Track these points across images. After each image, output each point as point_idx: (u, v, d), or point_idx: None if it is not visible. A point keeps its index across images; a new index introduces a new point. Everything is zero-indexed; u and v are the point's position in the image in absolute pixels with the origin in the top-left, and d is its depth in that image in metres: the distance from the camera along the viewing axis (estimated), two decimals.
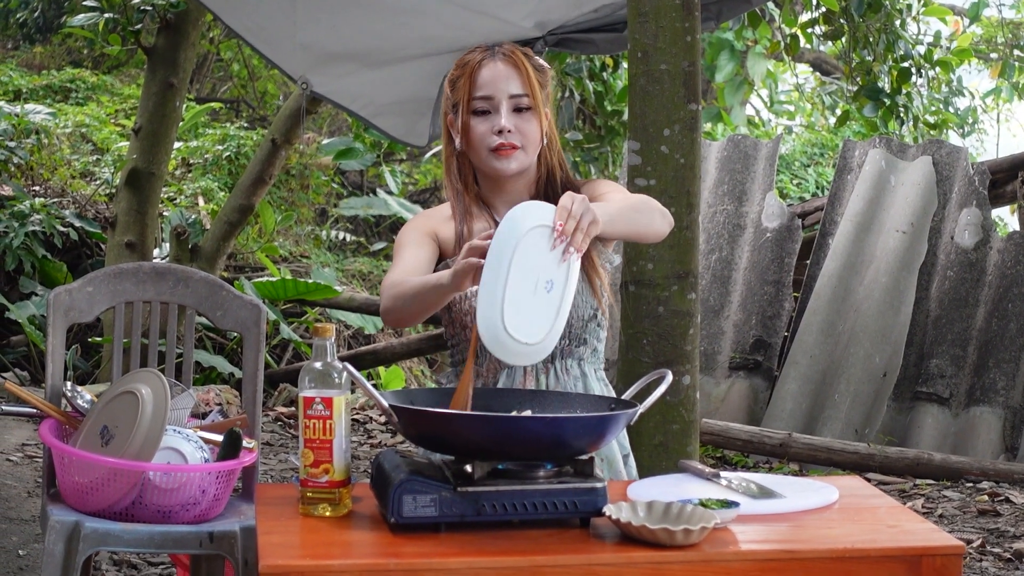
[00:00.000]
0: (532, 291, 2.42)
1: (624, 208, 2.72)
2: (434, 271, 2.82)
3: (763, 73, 10.40)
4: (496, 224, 2.82)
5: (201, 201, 10.16)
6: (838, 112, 10.60)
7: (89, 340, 7.96)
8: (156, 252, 8.33)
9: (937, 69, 9.08)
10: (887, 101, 8.24)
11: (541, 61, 2.92)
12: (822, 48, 12.89)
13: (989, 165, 7.90)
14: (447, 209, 2.94)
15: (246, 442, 3.26)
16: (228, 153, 10.71)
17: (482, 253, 2.42)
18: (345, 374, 2.40)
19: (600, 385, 2.93)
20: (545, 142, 2.90)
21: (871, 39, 8.13)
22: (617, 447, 2.93)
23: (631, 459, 2.98)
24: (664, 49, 4.03)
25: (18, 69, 12.53)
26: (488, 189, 2.93)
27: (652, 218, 2.78)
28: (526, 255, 2.40)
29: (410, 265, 2.79)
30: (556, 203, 2.47)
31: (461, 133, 2.88)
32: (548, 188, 2.91)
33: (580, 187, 2.92)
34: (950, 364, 7.38)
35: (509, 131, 2.83)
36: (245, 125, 12.09)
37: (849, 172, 7.96)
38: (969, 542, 5.51)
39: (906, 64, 8.28)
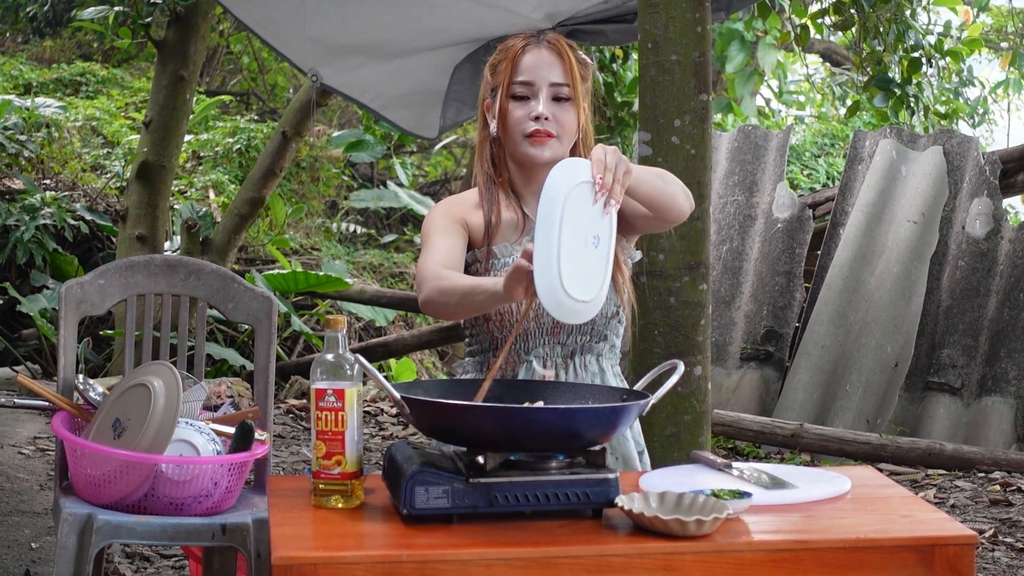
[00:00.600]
0: (583, 248, 2.42)
1: (652, 173, 2.72)
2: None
3: (773, 64, 10.40)
4: (525, 216, 2.82)
5: (212, 194, 10.18)
6: (848, 102, 10.58)
7: (101, 333, 7.98)
8: (167, 245, 8.34)
9: (947, 59, 9.05)
10: (897, 91, 8.23)
11: (584, 55, 2.88)
12: (832, 38, 12.86)
13: (1000, 155, 7.89)
14: (473, 196, 2.89)
15: (258, 434, 3.26)
16: (238, 146, 10.73)
17: (531, 258, 2.39)
18: (357, 366, 2.39)
19: (617, 380, 2.91)
20: (580, 136, 2.86)
21: (881, 29, 8.11)
22: (632, 443, 2.92)
23: (645, 455, 2.96)
24: (674, 40, 4.03)
25: (28, 63, 12.55)
26: (519, 178, 2.88)
27: (676, 191, 2.75)
28: (573, 213, 2.39)
29: (446, 255, 2.75)
30: None
31: (497, 117, 2.84)
32: None
33: None
34: (961, 354, 7.36)
35: (546, 118, 2.79)
36: (255, 118, 12.10)
37: (860, 162, 7.95)
38: (982, 532, 5.50)
39: (916, 54, 8.26)
